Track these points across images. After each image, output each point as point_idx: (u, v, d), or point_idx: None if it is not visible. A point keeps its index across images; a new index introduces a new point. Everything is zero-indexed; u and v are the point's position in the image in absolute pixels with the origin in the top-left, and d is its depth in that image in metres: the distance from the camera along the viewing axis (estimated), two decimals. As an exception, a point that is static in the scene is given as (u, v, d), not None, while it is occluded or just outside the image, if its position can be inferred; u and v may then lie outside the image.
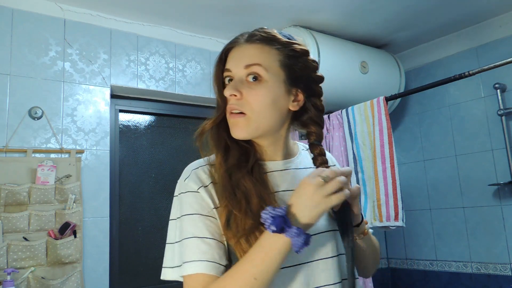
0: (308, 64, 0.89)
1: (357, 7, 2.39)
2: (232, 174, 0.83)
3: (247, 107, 0.84)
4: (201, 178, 0.86)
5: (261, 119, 0.84)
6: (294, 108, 0.88)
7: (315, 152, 0.88)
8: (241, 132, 0.85)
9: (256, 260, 0.75)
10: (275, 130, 0.89)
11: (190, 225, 0.81)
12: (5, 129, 2.00)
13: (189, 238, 0.81)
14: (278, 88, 0.85)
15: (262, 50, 0.86)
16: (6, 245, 1.88)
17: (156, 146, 2.60)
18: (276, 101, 0.85)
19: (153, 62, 2.49)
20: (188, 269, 0.79)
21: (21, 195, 1.94)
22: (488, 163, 2.61)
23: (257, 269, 0.74)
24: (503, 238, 2.52)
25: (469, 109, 2.73)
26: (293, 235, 0.72)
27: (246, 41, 0.88)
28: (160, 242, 2.48)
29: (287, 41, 0.88)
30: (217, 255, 0.79)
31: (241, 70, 0.85)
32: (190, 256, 0.79)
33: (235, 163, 0.85)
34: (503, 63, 1.95)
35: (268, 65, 0.85)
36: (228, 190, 0.82)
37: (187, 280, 0.80)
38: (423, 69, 3.02)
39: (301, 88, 0.88)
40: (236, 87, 0.84)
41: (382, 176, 2.29)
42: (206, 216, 0.82)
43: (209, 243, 0.80)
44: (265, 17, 2.44)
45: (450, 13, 2.52)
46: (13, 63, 2.07)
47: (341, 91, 2.63)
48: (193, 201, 0.83)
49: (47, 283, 1.91)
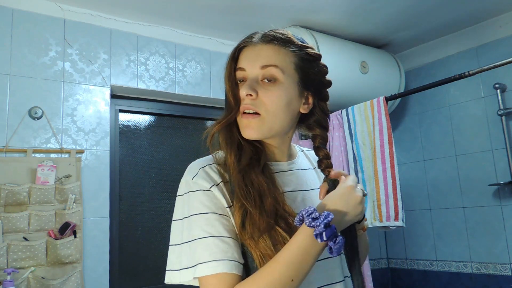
0: (321, 68, 0.91)
1: (357, 7, 2.39)
2: (246, 174, 0.82)
3: (262, 108, 0.83)
4: (212, 176, 0.83)
5: (275, 120, 0.84)
6: (304, 111, 0.90)
7: (320, 155, 0.89)
8: (254, 133, 0.84)
9: (295, 262, 0.73)
10: (285, 132, 0.90)
11: (205, 224, 0.79)
12: (5, 129, 2.00)
13: (205, 237, 0.78)
14: (293, 90, 0.86)
15: (279, 52, 0.86)
16: (6, 245, 1.88)
17: (156, 146, 2.60)
18: (290, 103, 0.86)
19: (153, 62, 2.49)
20: (206, 269, 0.75)
21: (21, 195, 1.94)
22: (488, 163, 2.61)
23: (296, 271, 0.73)
24: (503, 238, 2.52)
25: (469, 109, 2.73)
26: (339, 242, 0.73)
27: (261, 41, 0.87)
28: (160, 242, 2.48)
29: (302, 45, 0.89)
30: (237, 254, 0.77)
31: (257, 70, 0.85)
32: (207, 256, 0.76)
33: (248, 163, 0.84)
34: (503, 63, 1.95)
35: (284, 67, 0.85)
36: (243, 189, 0.80)
37: (208, 280, 0.76)
38: (423, 69, 3.02)
39: (312, 91, 0.90)
40: (252, 87, 0.83)
41: (382, 176, 2.29)
42: (221, 215, 0.80)
43: (228, 242, 0.77)
44: (265, 17, 2.44)
45: (450, 13, 2.52)
46: (13, 63, 2.07)
47: (341, 91, 2.63)
48: (205, 200, 0.81)
49: (47, 283, 1.91)
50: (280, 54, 0.86)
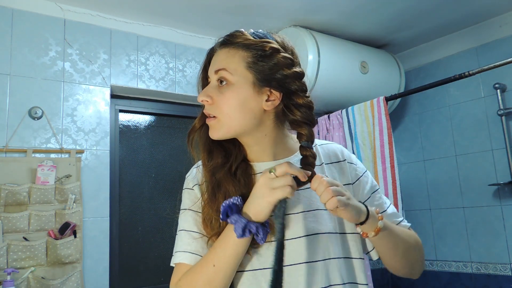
0: (279, 61, 0.86)
1: (357, 7, 2.39)
2: (215, 174, 0.89)
3: (217, 111, 0.87)
4: (198, 176, 0.94)
5: (231, 121, 0.87)
6: (268, 108, 0.87)
7: (302, 154, 0.85)
8: (214, 133, 0.88)
9: (215, 249, 0.82)
10: (252, 130, 0.88)
11: (182, 219, 0.92)
12: (5, 129, 2.00)
13: (180, 230, 0.91)
14: (246, 90, 0.86)
15: (228, 54, 0.88)
16: (6, 245, 1.88)
17: (156, 146, 2.60)
18: (245, 103, 0.86)
19: (153, 62, 2.49)
20: (175, 258, 0.89)
21: (21, 195, 1.93)
22: (488, 163, 2.61)
23: (216, 256, 0.81)
24: (503, 238, 2.52)
25: (469, 109, 2.73)
26: (232, 221, 0.78)
27: (217, 46, 0.91)
28: (160, 242, 2.48)
29: (255, 41, 0.87)
30: (200, 248, 0.87)
31: (213, 75, 0.89)
32: (178, 247, 0.89)
33: (217, 164, 0.90)
34: (503, 63, 1.95)
35: (234, 68, 0.86)
36: (209, 190, 0.88)
37: (175, 267, 0.90)
38: (423, 69, 3.02)
39: (274, 87, 0.86)
40: (206, 93, 0.88)
41: (382, 176, 2.30)
42: (196, 211, 0.91)
43: (194, 236, 0.88)
44: (265, 17, 2.44)
45: (450, 13, 2.52)
46: (13, 63, 2.07)
47: (341, 91, 2.63)
48: (187, 198, 0.93)
49: (47, 283, 1.91)
50: (229, 57, 0.87)
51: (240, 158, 0.92)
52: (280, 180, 0.77)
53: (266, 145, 0.92)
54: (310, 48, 2.46)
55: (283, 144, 0.94)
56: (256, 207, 0.79)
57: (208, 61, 0.93)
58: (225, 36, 0.91)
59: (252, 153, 0.93)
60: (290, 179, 0.77)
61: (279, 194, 0.77)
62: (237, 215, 0.78)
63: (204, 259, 0.84)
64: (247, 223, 0.78)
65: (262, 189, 0.78)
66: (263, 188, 0.78)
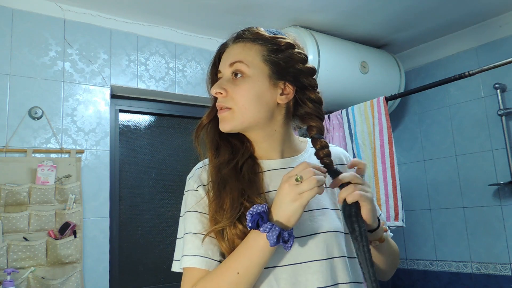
0: (293, 56, 0.89)
1: (357, 7, 2.39)
2: (221, 171, 0.87)
3: (231, 102, 0.87)
4: (201, 177, 0.91)
5: (246, 113, 0.86)
6: (282, 101, 0.89)
7: (316, 146, 0.87)
8: (226, 125, 0.88)
9: (240, 256, 0.79)
10: (264, 124, 0.89)
11: (189, 222, 0.87)
12: (5, 129, 2.00)
13: (187, 233, 0.86)
14: (262, 82, 0.87)
15: (244, 48, 0.89)
16: (6, 245, 1.88)
17: (156, 146, 2.60)
18: (261, 95, 0.87)
19: (153, 62, 2.49)
20: (184, 262, 0.85)
21: (21, 195, 1.94)
22: (488, 163, 2.61)
23: (241, 264, 0.78)
24: (503, 238, 2.52)
25: (469, 109, 2.73)
26: (266, 230, 0.75)
27: (231, 42, 0.92)
28: (160, 242, 2.48)
29: (270, 36, 0.90)
30: (210, 251, 0.84)
31: (227, 69, 0.89)
32: (186, 251, 0.85)
33: (224, 160, 0.88)
34: (503, 63, 1.95)
35: (250, 61, 0.87)
36: (215, 187, 0.86)
37: (184, 272, 0.86)
38: (423, 69, 3.02)
39: (289, 80, 0.88)
40: (221, 85, 0.88)
41: (382, 176, 2.30)
42: (202, 213, 0.87)
43: (203, 239, 0.84)
44: (265, 17, 2.44)
45: (450, 13, 2.52)
46: (13, 63, 2.07)
47: (341, 91, 2.63)
48: (192, 199, 0.89)
49: (47, 283, 1.91)
50: (245, 50, 0.88)
51: (246, 155, 0.91)
52: (305, 185, 0.76)
53: (275, 141, 0.92)
54: (310, 48, 2.46)
55: (290, 142, 0.95)
56: (287, 213, 0.77)
57: (218, 57, 0.94)
58: (240, 31, 0.92)
59: (260, 150, 0.93)
60: (316, 181, 0.76)
61: (306, 196, 0.76)
62: (270, 223, 0.76)
63: (226, 266, 0.80)
64: (281, 231, 0.76)
65: (291, 195, 0.76)
66: (291, 194, 0.76)
